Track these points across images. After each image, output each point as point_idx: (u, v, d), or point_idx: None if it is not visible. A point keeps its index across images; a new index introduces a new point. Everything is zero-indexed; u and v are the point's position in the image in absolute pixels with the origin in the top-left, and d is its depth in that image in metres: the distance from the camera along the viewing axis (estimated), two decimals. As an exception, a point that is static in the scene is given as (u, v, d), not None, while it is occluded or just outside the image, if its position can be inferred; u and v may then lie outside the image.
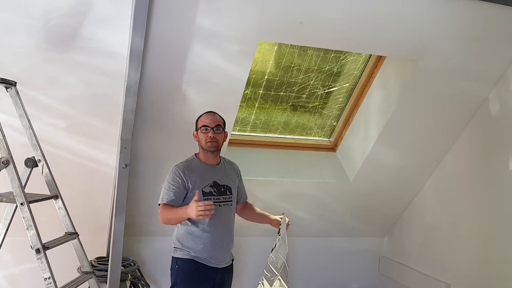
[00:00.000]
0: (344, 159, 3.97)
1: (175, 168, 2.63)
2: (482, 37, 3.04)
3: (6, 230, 2.46)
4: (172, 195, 2.56)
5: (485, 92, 3.39)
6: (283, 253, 2.60)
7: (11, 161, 2.30)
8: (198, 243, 2.59)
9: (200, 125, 2.65)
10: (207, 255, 2.59)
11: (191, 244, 2.60)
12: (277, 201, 3.77)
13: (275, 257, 2.60)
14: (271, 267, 2.57)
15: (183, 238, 2.62)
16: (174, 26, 2.64)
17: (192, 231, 2.60)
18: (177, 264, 2.63)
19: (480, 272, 3.39)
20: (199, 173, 2.63)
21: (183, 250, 2.61)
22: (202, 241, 2.59)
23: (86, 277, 2.65)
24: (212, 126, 2.62)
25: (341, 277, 4.32)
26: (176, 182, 2.58)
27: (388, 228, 4.37)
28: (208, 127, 2.62)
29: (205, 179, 2.64)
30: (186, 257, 2.60)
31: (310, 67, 3.57)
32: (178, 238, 2.65)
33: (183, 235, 2.62)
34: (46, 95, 2.81)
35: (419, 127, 3.57)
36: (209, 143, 2.62)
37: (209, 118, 2.65)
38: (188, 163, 2.67)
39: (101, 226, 3.39)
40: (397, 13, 2.84)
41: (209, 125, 2.62)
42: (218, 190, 2.65)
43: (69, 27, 2.55)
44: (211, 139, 2.61)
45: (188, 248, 2.60)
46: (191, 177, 2.59)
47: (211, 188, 2.63)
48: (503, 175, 3.24)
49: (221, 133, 2.66)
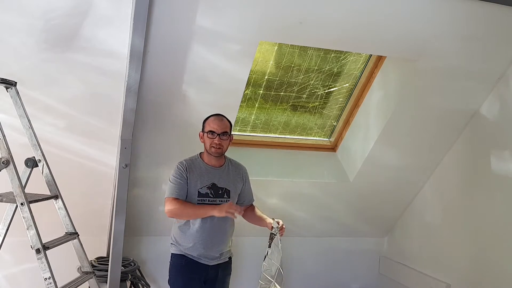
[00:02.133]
0: (344, 159, 3.97)
1: (179, 164, 2.68)
2: (482, 37, 3.04)
3: (6, 230, 2.46)
4: (180, 189, 2.62)
5: (485, 92, 3.39)
6: (277, 258, 2.58)
7: (11, 161, 2.31)
8: (189, 240, 2.66)
9: (208, 129, 2.66)
10: (197, 253, 2.67)
11: (183, 241, 2.68)
12: (278, 201, 3.77)
13: (268, 264, 2.58)
14: (265, 276, 2.58)
15: (177, 235, 2.72)
16: (174, 26, 2.64)
17: (185, 229, 2.68)
18: (171, 259, 2.74)
19: (480, 272, 3.38)
20: (199, 173, 2.66)
21: (176, 246, 2.71)
22: (192, 239, 2.65)
23: (86, 277, 2.65)
24: (218, 132, 2.64)
25: (341, 277, 4.32)
26: (182, 177, 2.63)
27: (388, 228, 4.37)
28: (215, 133, 2.63)
29: (204, 180, 2.67)
30: (178, 252, 2.70)
31: (310, 67, 3.57)
32: (173, 234, 2.75)
33: (177, 232, 2.71)
34: (46, 95, 2.81)
35: (419, 127, 3.57)
36: (213, 149, 2.65)
37: (216, 123, 2.65)
38: (192, 161, 2.71)
39: (101, 226, 3.39)
40: (397, 13, 2.84)
41: (216, 131, 2.64)
42: (215, 192, 2.68)
43: (69, 27, 2.55)
44: (215, 145, 2.64)
45: (180, 245, 2.69)
46: (191, 176, 2.64)
47: (207, 190, 2.66)
48: (503, 175, 3.24)
49: (226, 139, 2.68)
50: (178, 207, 2.59)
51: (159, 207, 3.49)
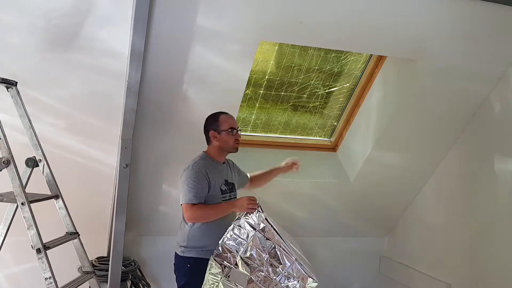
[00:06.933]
0: (344, 159, 3.97)
1: (196, 167, 2.62)
2: (482, 37, 3.04)
3: (7, 230, 2.46)
4: (200, 194, 2.58)
5: (485, 92, 3.39)
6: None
7: (11, 160, 2.31)
8: (210, 237, 2.58)
9: (227, 127, 2.70)
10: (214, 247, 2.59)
11: (203, 241, 2.60)
12: (278, 201, 3.77)
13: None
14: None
15: (195, 237, 2.63)
16: (175, 26, 2.64)
17: (208, 228, 2.61)
18: (189, 263, 2.64)
19: (480, 272, 3.38)
20: (215, 171, 2.69)
21: (195, 249, 2.63)
22: (213, 236, 2.57)
23: (86, 277, 2.66)
24: (237, 128, 2.73)
25: (341, 277, 4.32)
26: (202, 180, 2.59)
27: (388, 228, 4.37)
28: (235, 129, 2.71)
29: (220, 177, 2.72)
30: (198, 256, 2.62)
31: (310, 67, 3.57)
32: (189, 237, 2.64)
33: (195, 233, 2.63)
34: (47, 95, 2.81)
35: (419, 127, 3.57)
36: (236, 145, 2.73)
37: (232, 119, 2.76)
38: (205, 161, 2.70)
39: (101, 226, 3.39)
40: (398, 13, 2.84)
41: (235, 127, 2.73)
42: (228, 187, 2.75)
43: (70, 27, 2.55)
44: (238, 141, 2.72)
45: (200, 246, 2.61)
46: (211, 176, 2.64)
47: (225, 186, 2.72)
48: (504, 175, 3.24)
49: None
50: (202, 213, 2.58)
51: (159, 207, 3.50)
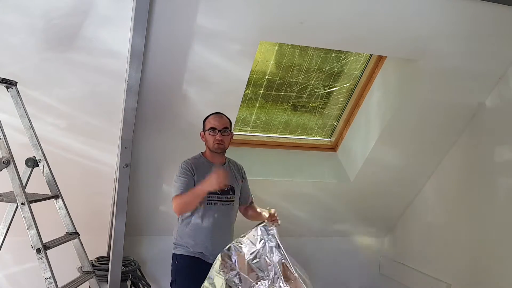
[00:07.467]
0: (344, 159, 3.97)
1: (183, 164, 2.69)
2: (483, 37, 3.04)
3: (7, 230, 2.46)
4: (185, 186, 2.62)
5: (485, 92, 3.39)
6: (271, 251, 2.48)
7: (11, 160, 2.31)
8: (197, 237, 2.65)
9: (208, 126, 2.71)
10: (205, 250, 2.64)
11: (190, 239, 2.66)
12: (278, 201, 3.77)
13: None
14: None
15: (183, 234, 2.69)
16: (175, 25, 2.64)
17: (194, 227, 2.66)
18: (177, 260, 2.70)
19: (480, 272, 3.38)
20: (205, 171, 2.66)
21: (182, 246, 2.68)
22: (200, 236, 2.64)
23: (86, 276, 2.65)
24: (220, 129, 2.69)
25: (341, 277, 4.32)
26: (187, 175, 2.64)
27: (388, 228, 4.37)
28: (216, 129, 2.68)
29: None
30: (184, 253, 2.67)
31: (310, 67, 3.57)
32: (178, 233, 2.72)
33: (183, 230, 2.69)
34: (46, 94, 2.81)
35: (419, 127, 3.57)
36: (216, 145, 2.70)
37: (217, 120, 2.71)
38: (196, 160, 2.73)
39: (101, 226, 3.39)
40: (397, 13, 2.84)
41: (217, 127, 2.69)
42: (221, 189, 2.68)
43: (69, 27, 2.55)
44: (218, 142, 2.69)
45: (187, 244, 2.67)
46: (197, 172, 2.66)
47: None
48: (504, 175, 3.24)
49: (228, 135, 2.74)
50: (181, 201, 2.60)
51: (159, 206, 3.50)
